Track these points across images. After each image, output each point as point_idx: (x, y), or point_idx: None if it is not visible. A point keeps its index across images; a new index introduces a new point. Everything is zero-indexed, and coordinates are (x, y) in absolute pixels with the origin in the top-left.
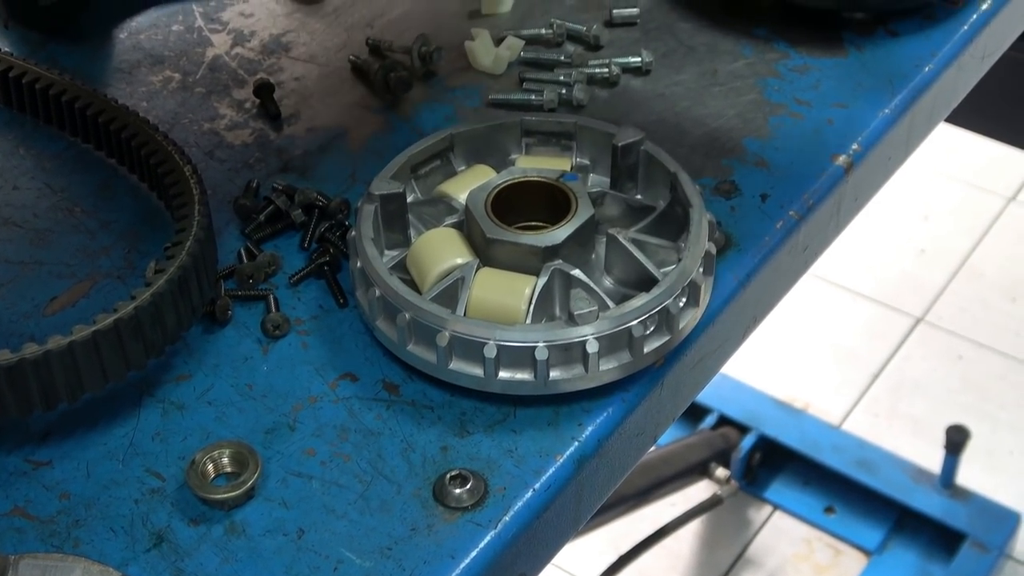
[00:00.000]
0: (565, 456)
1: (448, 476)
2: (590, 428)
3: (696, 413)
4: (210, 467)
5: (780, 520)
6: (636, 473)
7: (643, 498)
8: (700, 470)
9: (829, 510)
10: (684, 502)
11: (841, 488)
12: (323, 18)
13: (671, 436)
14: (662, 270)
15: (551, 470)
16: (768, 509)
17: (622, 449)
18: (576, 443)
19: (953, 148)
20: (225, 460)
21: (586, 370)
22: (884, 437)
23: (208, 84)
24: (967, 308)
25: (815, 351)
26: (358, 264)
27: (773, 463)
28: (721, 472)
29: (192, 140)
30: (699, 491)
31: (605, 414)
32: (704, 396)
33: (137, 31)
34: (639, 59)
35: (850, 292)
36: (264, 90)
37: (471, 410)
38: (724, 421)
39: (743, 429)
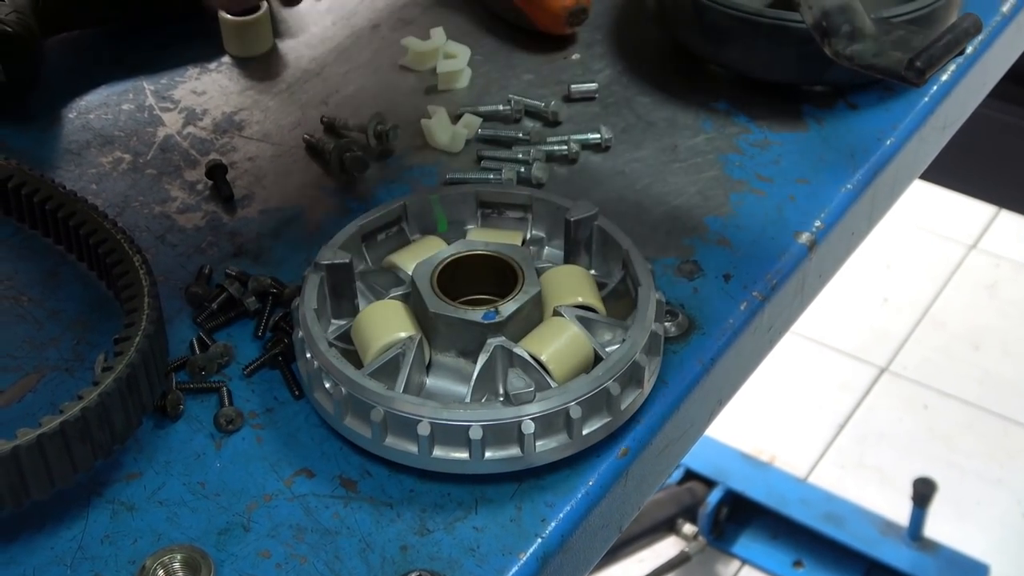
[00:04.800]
0: (528, 554)
1: None
2: (553, 523)
3: None
4: (161, 573)
5: (749, 575)
6: None
7: (611, 556)
8: (668, 526)
9: (797, 564)
10: (653, 558)
11: (809, 542)
12: (277, 95)
13: None
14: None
15: (514, 569)
16: (736, 564)
17: (587, 542)
18: (539, 539)
19: (914, 197)
20: (176, 565)
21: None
22: (851, 489)
23: (159, 165)
24: (931, 357)
25: (780, 402)
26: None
27: (740, 518)
28: (688, 528)
29: (143, 224)
30: (667, 547)
31: (568, 508)
32: None
33: (87, 110)
34: (598, 135)
35: (814, 342)
36: (216, 171)
37: (431, 507)
38: (690, 475)
39: (710, 483)
